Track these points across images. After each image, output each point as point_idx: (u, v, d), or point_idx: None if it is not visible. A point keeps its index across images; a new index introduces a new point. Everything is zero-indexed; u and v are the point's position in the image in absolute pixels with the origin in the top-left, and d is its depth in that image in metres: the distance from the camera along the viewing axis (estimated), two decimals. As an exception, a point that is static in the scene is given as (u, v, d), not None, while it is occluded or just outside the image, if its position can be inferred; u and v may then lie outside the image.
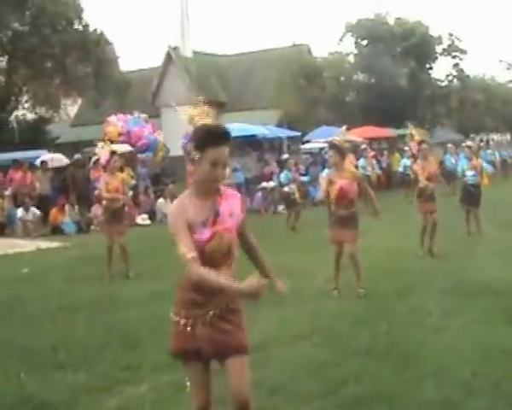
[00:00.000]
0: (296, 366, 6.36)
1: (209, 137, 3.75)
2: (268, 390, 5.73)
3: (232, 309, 3.89)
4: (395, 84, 33.41)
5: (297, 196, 17.43)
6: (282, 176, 18.22)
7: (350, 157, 24.45)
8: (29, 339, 7.59)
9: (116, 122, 23.84)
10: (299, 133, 31.41)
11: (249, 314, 4.11)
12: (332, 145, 9.24)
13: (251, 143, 27.23)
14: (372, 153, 25.83)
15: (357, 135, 27.69)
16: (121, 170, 12.44)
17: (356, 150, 24.49)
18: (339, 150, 9.05)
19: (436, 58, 36.67)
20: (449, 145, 28.64)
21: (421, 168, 12.11)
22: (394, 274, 10.52)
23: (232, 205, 3.93)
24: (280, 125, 34.80)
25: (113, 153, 11.34)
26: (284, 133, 30.48)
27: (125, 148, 20.31)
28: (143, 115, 25.04)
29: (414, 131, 12.81)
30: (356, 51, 36.52)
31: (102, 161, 11.54)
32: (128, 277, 11.16)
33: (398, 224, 16.91)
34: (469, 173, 14.50)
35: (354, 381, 5.88)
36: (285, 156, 19.46)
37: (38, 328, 8.10)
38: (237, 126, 25.59)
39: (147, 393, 5.84)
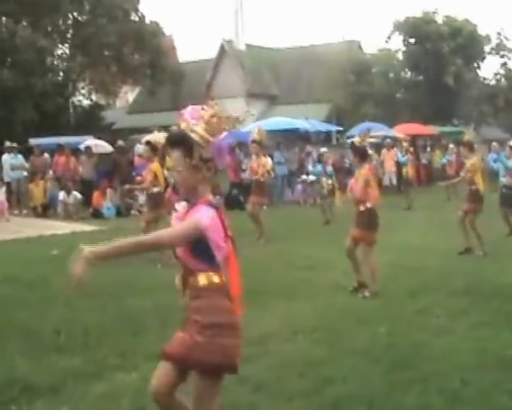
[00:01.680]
0: (288, 363, 6.14)
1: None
2: (253, 387, 5.53)
3: None
4: (442, 82, 32.61)
5: (325, 189, 17.10)
6: (312, 169, 17.96)
7: (391, 152, 24.01)
8: (37, 321, 7.50)
9: (189, 118, 24.51)
10: (338, 127, 31.00)
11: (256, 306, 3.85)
12: (351, 146, 9.13)
13: (296, 137, 26.95)
14: (411, 149, 25.36)
15: (402, 131, 27.15)
16: (163, 158, 12.11)
17: (396, 145, 23.98)
18: (356, 150, 8.90)
19: (484, 57, 35.68)
20: (493, 144, 27.87)
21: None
22: (411, 272, 10.18)
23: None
24: (329, 119, 34.39)
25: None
26: (324, 127, 30.09)
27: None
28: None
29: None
30: (404, 49, 35.73)
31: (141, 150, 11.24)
32: (156, 265, 10.87)
33: (428, 220, 16.49)
34: (503, 178, 14.03)
35: (341, 381, 5.64)
36: (322, 150, 19.13)
37: (49, 310, 7.99)
38: (280, 120, 25.34)
39: (135, 381, 5.66)
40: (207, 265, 3.64)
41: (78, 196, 19.97)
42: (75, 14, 32.62)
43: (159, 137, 11.08)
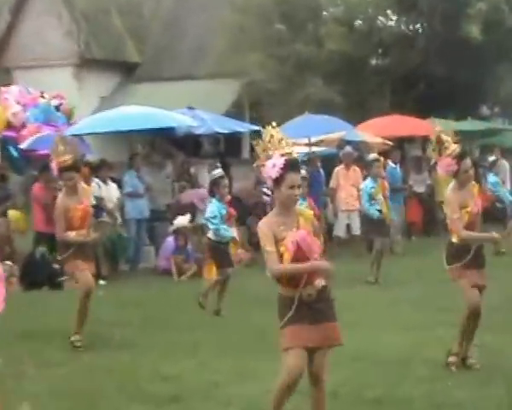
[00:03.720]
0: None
1: None
2: None
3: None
4: (458, 36, 18.87)
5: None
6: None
7: (355, 172, 12.75)
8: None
9: (10, 101, 16.20)
10: (253, 126, 15.07)
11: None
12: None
13: (169, 143, 15.00)
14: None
15: (379, 132, 16.94)
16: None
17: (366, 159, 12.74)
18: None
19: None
20: None
21: None
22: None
23: None
24: (237, 110, 20.14)
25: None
26: (227, 126, 16.71)
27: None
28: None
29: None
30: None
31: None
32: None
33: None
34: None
35: None
36: (216, 172, 7.83)
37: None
38: (138, 113, 13.32)
39: None
40: None
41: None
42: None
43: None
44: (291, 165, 4.34)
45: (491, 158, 15.70)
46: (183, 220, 12.51)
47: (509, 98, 21.75)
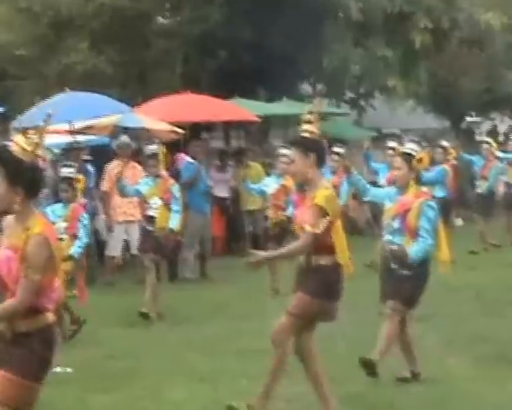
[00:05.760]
0: None
1: None
2: None
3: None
4: None
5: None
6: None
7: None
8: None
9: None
10: None
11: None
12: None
13: None
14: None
15: (171, 116, 17.30)
16: None
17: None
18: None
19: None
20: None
21: None
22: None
23: None
24: None
25: None
26: None
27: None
28: None
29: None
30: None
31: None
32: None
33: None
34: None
35: None
36: None
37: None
38: None
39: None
40: None
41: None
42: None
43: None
44: None
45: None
46: None
47: (337, 73, 23.19)
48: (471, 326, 10.49)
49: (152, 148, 12.31)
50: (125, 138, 14.98)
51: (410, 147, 8.72)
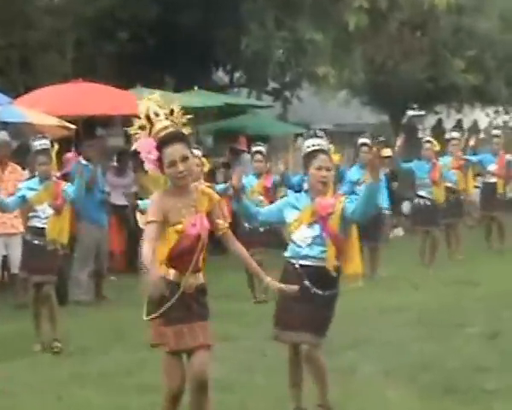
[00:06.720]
0: None
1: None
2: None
3: None
4: None
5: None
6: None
7: None
8: None
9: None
10: None
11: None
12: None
13: None
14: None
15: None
16: None
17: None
18: None
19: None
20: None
21: None
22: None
23: None
24: None
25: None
26: None
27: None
28: None
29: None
30: None
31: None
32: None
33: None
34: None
35: None
36: None
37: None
38: None
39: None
40: None
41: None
42: None
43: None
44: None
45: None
46: None
47: (257, 59, 23.16)
48: (412, 353, 10.65)
49: (42, 142, 11.81)
50: (3, 135, 14.89)
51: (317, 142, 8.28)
